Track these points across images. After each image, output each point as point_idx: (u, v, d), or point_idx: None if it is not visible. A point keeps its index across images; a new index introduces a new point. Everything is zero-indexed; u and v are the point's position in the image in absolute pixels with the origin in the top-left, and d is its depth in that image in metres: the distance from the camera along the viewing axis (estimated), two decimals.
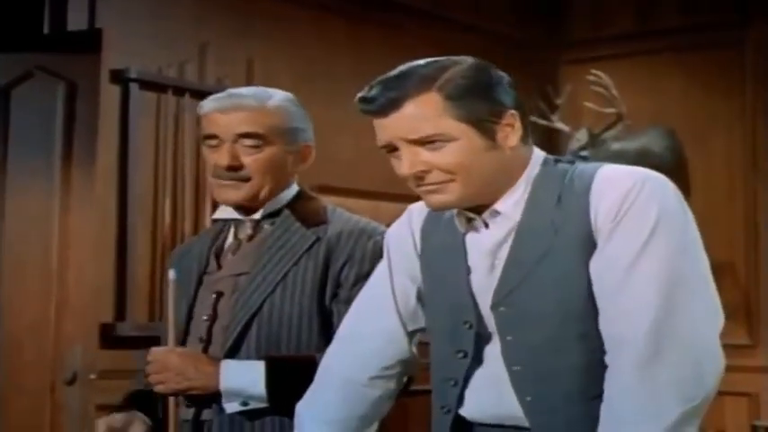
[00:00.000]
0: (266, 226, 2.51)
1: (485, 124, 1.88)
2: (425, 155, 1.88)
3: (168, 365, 2.36)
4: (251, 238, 2.52)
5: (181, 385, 2.37)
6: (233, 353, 2.41)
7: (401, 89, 1.87)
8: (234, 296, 2.44)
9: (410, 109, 1.87)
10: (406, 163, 1.89)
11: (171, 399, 2.40)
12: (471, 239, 1.99)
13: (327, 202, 2.60)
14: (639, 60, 6.49)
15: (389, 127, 1.89)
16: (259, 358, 2.39)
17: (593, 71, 5.83)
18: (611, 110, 5.79)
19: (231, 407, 2.39)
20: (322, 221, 2.49)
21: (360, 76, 5.55)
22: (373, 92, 1.89)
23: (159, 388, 2.39)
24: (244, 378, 2.37)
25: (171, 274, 2.38)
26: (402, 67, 1.92)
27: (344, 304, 2.36)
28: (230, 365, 2.38)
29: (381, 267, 2.17)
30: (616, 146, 5.79)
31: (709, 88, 6.36)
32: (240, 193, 2.47)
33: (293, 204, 2.53)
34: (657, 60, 6.47)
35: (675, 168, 5.61)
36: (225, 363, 2.39)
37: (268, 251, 2.46)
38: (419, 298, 2.11)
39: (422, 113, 1.86)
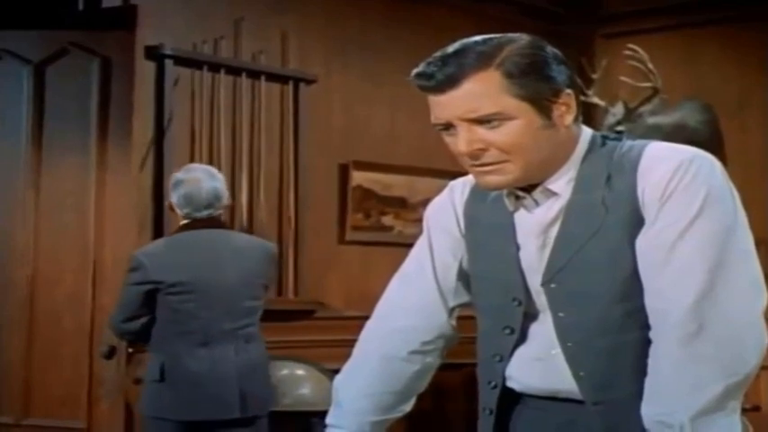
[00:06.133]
0: None
1: (543, 103, 1.86)
2: (483, 133, 1.85)
3: None
4: None
5: None
6: None
7: (460, 66, 1.83)
8: None
9: (469, 86, 1.83)
10: (463, 141, 1.87)
11: None
12: (520, 217, 1.98)
13: (362, 178, 2.57)
14: (675, 34, 6.43)
15: (447, 105, 1.86)
16: None
17: (630, 45, 5.78)
18: (647, 84, 5.75)
19: None
20: None
21: (394, 50, 5.65)
22: (431, 68, 1.85)
23: None
24: None
25: None
26: (458, 44, 1.87)
27: None
28: None
29: (421, 243, 2.16)
30: (652, 120, 5.76)
31: (744, 62, 6.30)
32: None
33: None
34: (693, 34, 6.41)
35: (711, 142, 5.57)
36: None
37: None
38: (460, 274, 2.11)
39: (481, 91, 1.83)
